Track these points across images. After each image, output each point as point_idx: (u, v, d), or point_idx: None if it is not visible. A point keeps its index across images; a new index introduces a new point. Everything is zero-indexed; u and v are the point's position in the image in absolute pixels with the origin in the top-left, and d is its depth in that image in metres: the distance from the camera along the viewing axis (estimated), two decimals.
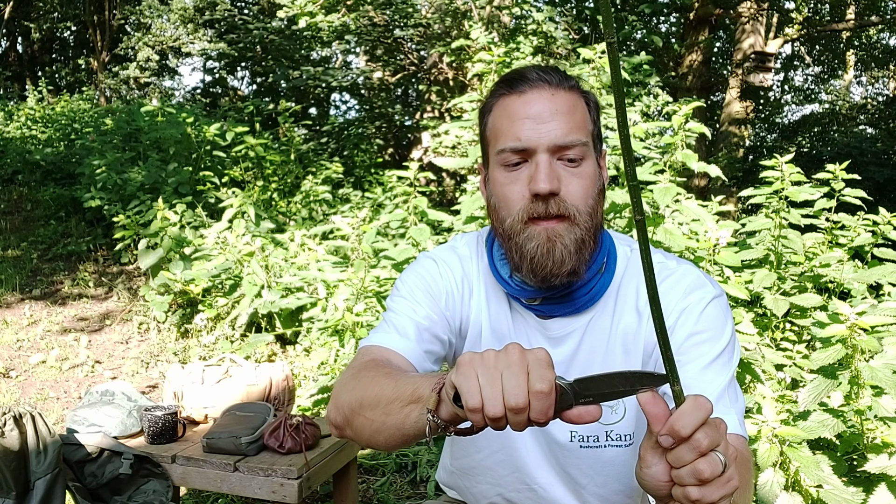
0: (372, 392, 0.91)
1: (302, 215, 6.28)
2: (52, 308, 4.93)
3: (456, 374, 0.73)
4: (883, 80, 17.16)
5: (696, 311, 1.05)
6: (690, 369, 1.02)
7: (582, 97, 1.07)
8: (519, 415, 0.69)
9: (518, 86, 1.04)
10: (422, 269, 1.18)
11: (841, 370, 1.90)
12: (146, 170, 5.89)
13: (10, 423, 1.81)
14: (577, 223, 1.01)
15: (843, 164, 3.05)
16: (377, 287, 3.66)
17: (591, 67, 3.58)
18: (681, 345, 1.04)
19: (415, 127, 9.12)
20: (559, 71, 1.06)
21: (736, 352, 1.07)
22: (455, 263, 1.18)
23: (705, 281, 1.09)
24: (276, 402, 2.37)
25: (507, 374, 0.70)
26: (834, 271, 2.97)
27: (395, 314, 1.13)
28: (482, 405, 0.70)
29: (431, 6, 8.28)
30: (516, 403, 0.69)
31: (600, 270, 1.10)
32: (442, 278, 1.16)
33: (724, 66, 12.44)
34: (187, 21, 13.07)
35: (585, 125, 1.05)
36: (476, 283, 1.17)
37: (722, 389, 1.00)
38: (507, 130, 1.03)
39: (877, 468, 1.83)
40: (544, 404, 0.69)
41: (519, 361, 0.70)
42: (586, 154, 1.03)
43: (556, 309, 1.10)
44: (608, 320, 1.11)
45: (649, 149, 3.24)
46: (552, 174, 1.00)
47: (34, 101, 10.66)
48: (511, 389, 0.69)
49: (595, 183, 1.04)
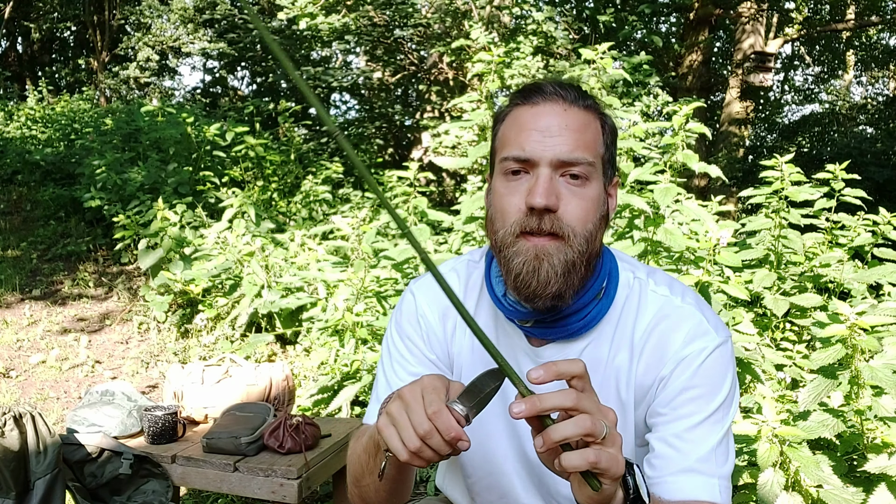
0: (355, 463, 1.07)
1: (302, 215, 6.28)
2: (52, 308, 4.93)
3: (379, 422, 0.86)
4: (883, 80, 17.16)
5: (695, 364, 1.01)
6: (679, 426, 1.01)
7: (598, 119, 1.03)
8: (432, 438, 0.81)
9: (532, 97, 1.01)
10: (403, 318, 1.19)
11: (841, 370, 1.90)
12: (146, 170, 5.89)
13: (10, 423, 1.81)
14: (570, 244, 0.97)
15: (843, 164, 3.05)
16: (377, 287, 3.66)
17: (591, 68, 3.58)
18: (674, 398, 1.02)
19: (415, 127, 9.12)
20: (578, 89, 1.03)
21: (734, 404, 1.04)
22: (433, 296, 1.16)
23: (708, 327, 1.04)
24: (276, 402, 2.37)
25: (409, 411, 0.82)
26: (834, 271, 2.97)
27: (381, 384, 1.18)
28: (403, 446, 0.83)
29: (431, 6, 8.28)
30: (423, 432, 0.81)
31: (598, 296, 1.06)
32: (420, 324, 1.16)
33: (724, 66, 12.44)
34: (187, 21, 13.07)
35: (595, 146, 1.01)
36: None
37: (709, 450, 0.99)
38: (513, 139, 1.00)
39: (877, 468, 1.83)
40: (444, 423, 0.80)
41: (416, 396, 0.83)
42: (592, 175, 0.99)
43: (548, 333, 1.06)
44: (605, 350, 1.07)
45: (649, 149, 3.24)
46: (551, 189, 0.96)
47: (34, 101, 10.65)
48: (415, 420, 0.82)
49: (597, 207, 1.00)
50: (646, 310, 1.06)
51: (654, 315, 1.05)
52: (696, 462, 0.98)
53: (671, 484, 0.98)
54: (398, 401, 0.85)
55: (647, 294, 1.07)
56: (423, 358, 1.16)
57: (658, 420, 1.04)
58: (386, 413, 0.85)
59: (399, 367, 1.16)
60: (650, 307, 1.06)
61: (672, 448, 1.00)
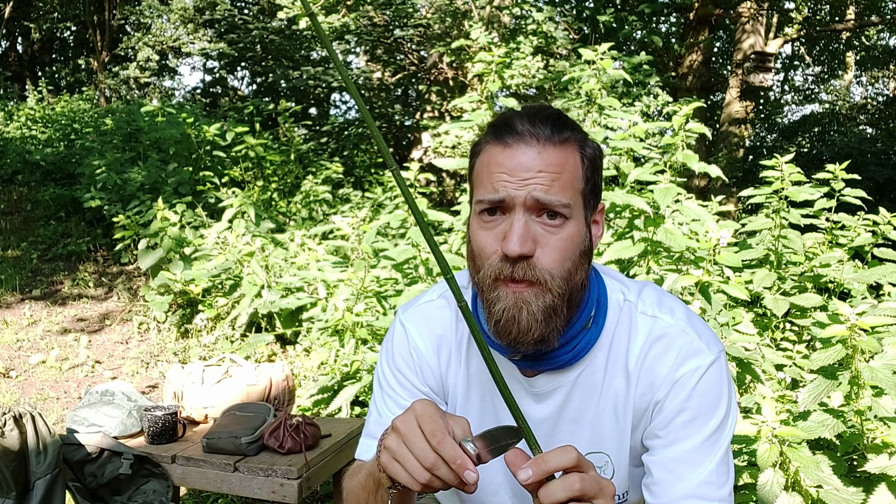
0: (353, 502, 1.04)
1: (302, 215, 6.28)
2: (52, 308, 4.93)
3: (381, 458, 0.84)
4: (883, 80, 17.16)
5: (689, 386, 1.00)
6: (677, 450, 1.00)
7: (577, 150, 0.98)
8: (439, 469, 0.80)
9: (504, 136, 0.96)
10: (395, 351, 1.15)
11: (841, 370, 1.90)
12: (146, 170, 5.89)
13: (10, 423, 1.81)
14: (548, 289, 0.94)
15: (843, 164, 3.05)
16: (377, 287, 3.66)
17: (591, 68, 3.58)
18: (670, 422, 1.01)
19: (415, 127, 9.12)
20: (554, 120, 0.98)
21: (731, 419, 1.02)
22: (425, 328, 1.14)
23: (700, 344, 1.02)
24: (276, 402, 2.37)
25: (409, 443, 0.81)
26: (834, 271, 2.97)
27: (372, 419, 1.15)
28: (412, 479, 0.81)
29: (431, 6, 8.28)
30: (430, 464, 0.80)
31: (586, 326, 1.04)
32: (413, 356, 1.13)
33: (724, 66, 12.44)
34: (187, 21, 13.06)
35: (573, 184, 0.97)
36: (454, 345, 1.13)
37: (709, 473, 0.98)
38: (486, 181, 0.97)
39: (877, 468, 1.83)
40: (449, 452, 0.79)
41: (412, 426, 0.82)
42: (571, 214, 0.96)
43: (538, 365, 1.04)
44: (600, 376, 1.05)
45: (649, 149, 3.23)
46: (526, 236, 0.93)
47: (34, 101, 10.65)
48: (418, 453, 0.80)
49: (577, 245, 0.97)
50: (637, 334, 1.04)
51: (646, 338, 1.04)
52: (696, 487, 0.98)
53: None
54: (394, 434, 0.83)
55: (636, 317, 1.05)
56: (416, 392, 1.13)
57: (655, 443, 1.03)
58: (385, 448, 0.84)
59: (391, 402, 1.14)
60: (641, 330, 1.04)
61: (671, 473, 0.99)
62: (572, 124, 1.00)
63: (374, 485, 0.95)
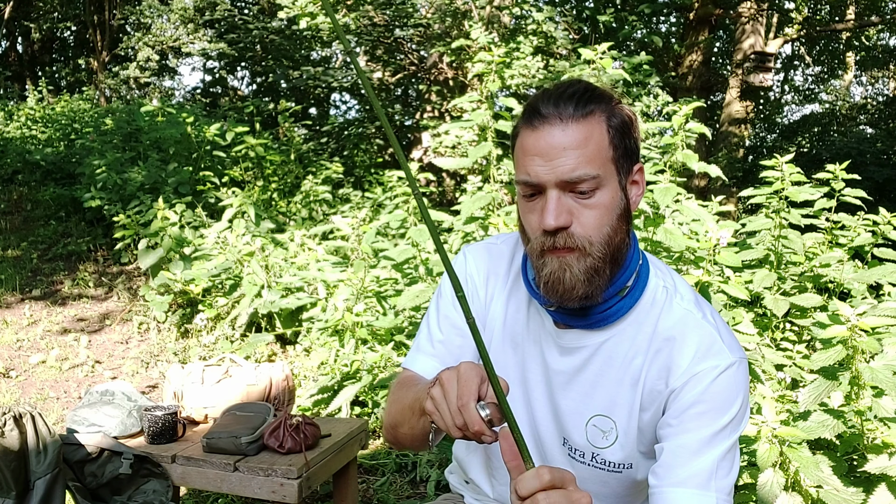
0: (397, 413, 1.15)
1: (302, 215, 6.28)
2: (52, 308, 4.93)
3: (426, 404, 0.94)
4: (883, 80, 17.17)
5: (706, 381, 1.05)
6: (684, 439, 1.04)
7: (603, 120, 1.03)
8: (468, 430, 0.89)
9: (532, 120, 1.03)
10: (457, 269, 1.25)
11: (841, 371, 1.90)
12: (146, 170, 5.89)
13: (10, 423, 1.81)
14: (588, 253, 1.03)
15: (842, 165, 3.05)
16: (377, 287, 3.66)
17: (591, 68, 3.57)
18: (683, 411, 1.05)
19: (415, 127, 9.12)
20: (579, 94, 1.03)
21: (743, 422, 1.07)
22: (483, 261, 1.24)
23: (723, 346, 1.07)
24: (276, 402, 2.37)
25: (447, 400, 0.90)
26: (834, 271, 2.97)
27: (423, 334, 1.25)
28: (447, 429, 0.91)
29: (431, 6, 8.28)
30: (459, 423, 0.89)
31: (621, 292, 1.09)
32: (468, 282, 1.24)
33: (724, 66, 12.44)
34: (187, 21, 13.06)
35: (600, 155, 1.02)
36: (501, 283, 1.22)
37: (712, 463, 1.02)
38: (520, 163, 1.05)
39: (877, 468, 1.83)
40: (470, 417, 0.88)
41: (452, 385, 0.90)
42: (601, 184, 1.02)
43: (570, 319, 1.11)
44: (624, 349, 1.11)
45: (649, 149, 3.24)
46: (560, 210, 1.01)
47: (34, 101, 10.65)
48: (452, 410, 0.90)
49: (612, 210, 1.04)
50: (668, 318, 1.10)
51: (675, 324, 1.09)
52: (695, 474, 1.01)
53: (669, 494, 1.02)
54: (438, 387, 0.92)
55: (672, 303, 1.11)
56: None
57: (667, 431, 1.07)
58: (430, 397, 0.93)
59: (444, 320, 1.23)
60: (672, 316, 1.10)
61: (676, 458, 1.04)
62: (599, 96, 1.05)
63: (420, 410, 1.04)
